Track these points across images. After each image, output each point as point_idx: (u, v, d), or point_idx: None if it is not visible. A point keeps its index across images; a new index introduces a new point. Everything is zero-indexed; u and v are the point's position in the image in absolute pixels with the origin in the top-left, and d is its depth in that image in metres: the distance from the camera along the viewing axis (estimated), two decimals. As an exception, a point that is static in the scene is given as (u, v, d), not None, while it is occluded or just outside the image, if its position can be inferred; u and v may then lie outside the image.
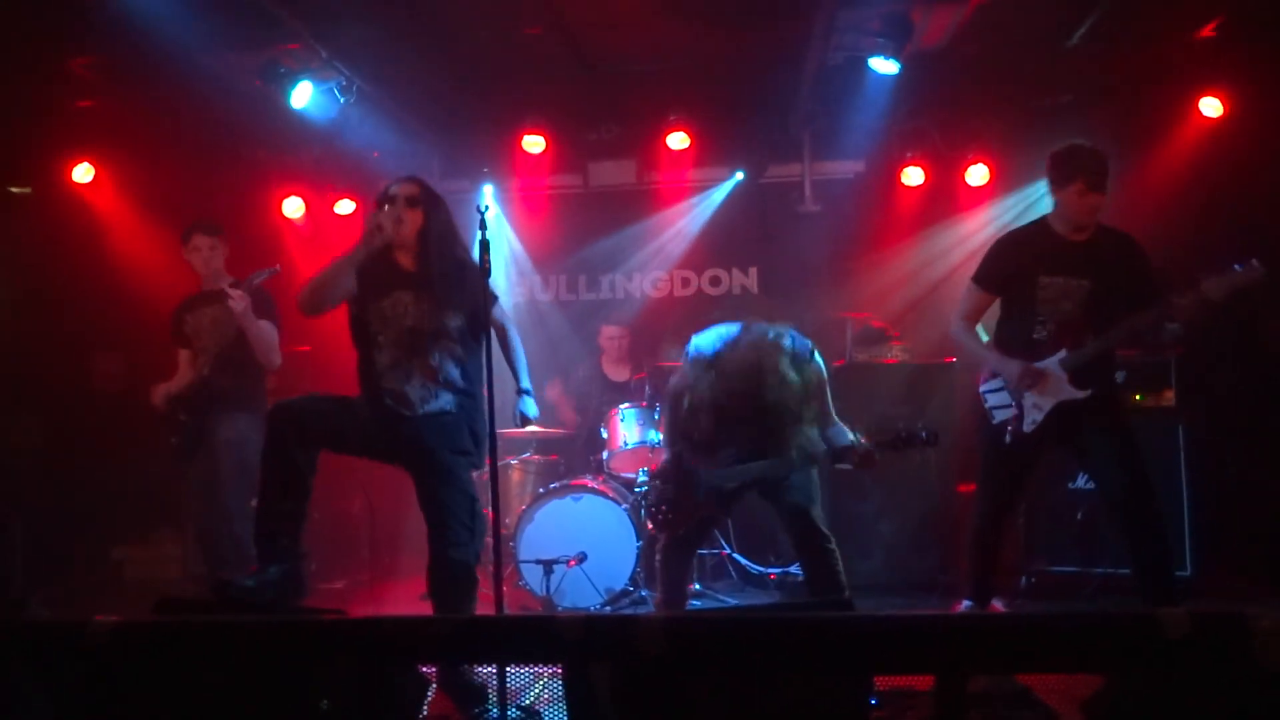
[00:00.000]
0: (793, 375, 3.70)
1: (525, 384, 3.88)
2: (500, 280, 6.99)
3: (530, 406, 3.88)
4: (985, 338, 4.20)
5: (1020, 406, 3.93)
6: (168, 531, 6.16)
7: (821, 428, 3.87)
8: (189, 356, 4.75)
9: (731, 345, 3.78)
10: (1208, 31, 5.18)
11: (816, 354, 3.85)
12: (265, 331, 4.57)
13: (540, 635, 1.92)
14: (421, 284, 3.48)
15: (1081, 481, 4.93)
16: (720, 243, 6.97)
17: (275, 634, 2.04)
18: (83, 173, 6.30)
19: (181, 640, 2.02)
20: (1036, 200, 6.07)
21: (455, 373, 3.53)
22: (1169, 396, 5.08)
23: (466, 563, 3.47)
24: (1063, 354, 3.85)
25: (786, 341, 3.76)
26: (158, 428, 4.72)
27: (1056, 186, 3.91)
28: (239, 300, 4.38)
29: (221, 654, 2.08)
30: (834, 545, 3.73)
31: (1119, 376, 4.86)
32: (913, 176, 6.35)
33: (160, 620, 2.23)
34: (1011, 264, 4.02)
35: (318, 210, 6.71)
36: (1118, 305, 3.83)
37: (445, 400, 3.51)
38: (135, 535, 6.22)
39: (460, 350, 3.56)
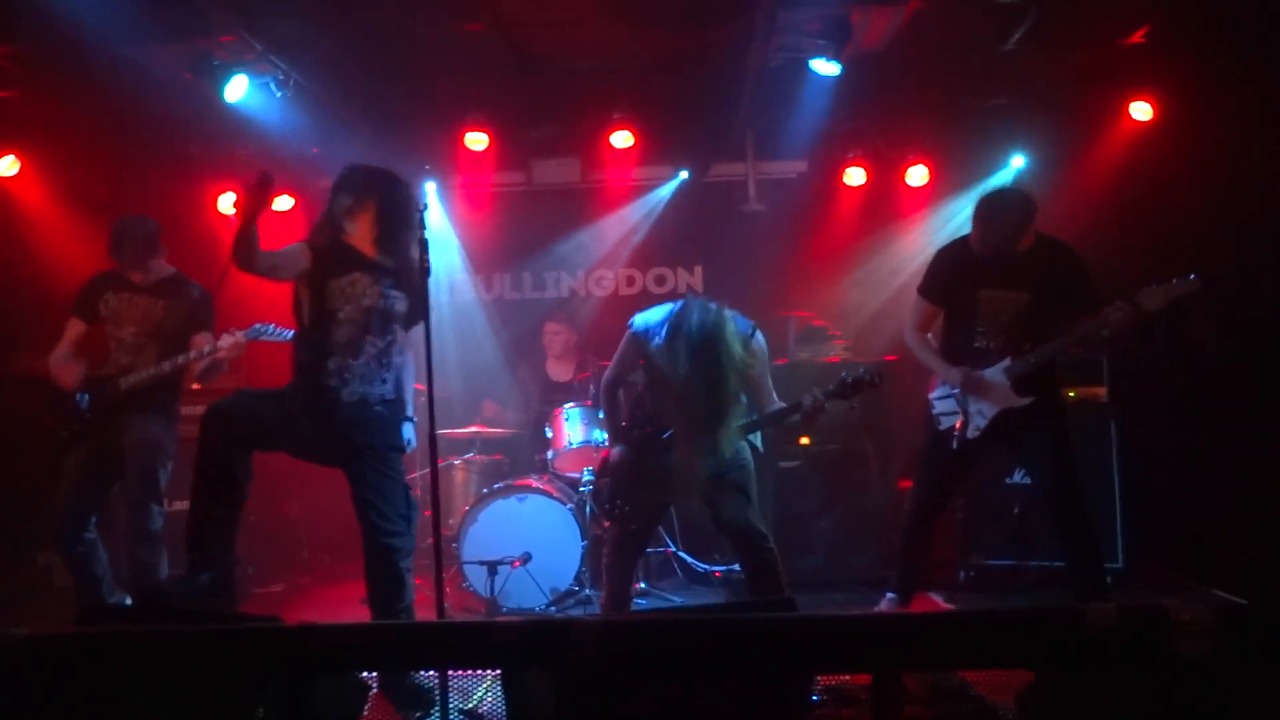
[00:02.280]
0: (738, 348, 3.72)
1: (410, 412, 3.84)
2: (443, 278, 6.92)
3: (411, 434, 3.82)
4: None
5: (966, 414, 4.02)
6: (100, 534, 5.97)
7: (762, 407, 3.90)
8: (82, 332, 4.38)
9: (679, 318, 3.75)
10: (1138, 37, 5.30)
11: (758, 333, 3.89)
12: (223, 368, 4.38)
13: (477, 640, 1.90)
14: (376, 268, 3.55)
15: (1018, 477, 5.02)
16: (665, 241, 6.97)
17: (206, 643, 1.99)
18: (7, 165, 6.09)
19: (104, 651, 1.96)
20: (974, 203, 6.18)
21: (399, 359, 3.64)
22: (1101, 392, 5.21)
23: (403, 551, 3.52)
24: (1006, 363, 3.94)
25: (728, 315, 3.77)
26: (42, 407, 4.33)
27: None
28: (235, 348, 4.18)
29: (150, 665, 2.02)
30: (772, 544, 3.74)
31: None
32: (854, 177, 6.41)
33: (79, 630, 2.15)
34: (951, 276, 4.11)
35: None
36: (1057, 314, 3.94)
37: (388, 387, 3.59)
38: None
39: (404, 337, 3.66)
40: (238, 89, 5.00)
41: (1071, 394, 5.17)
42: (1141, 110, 5.78)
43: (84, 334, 4.41)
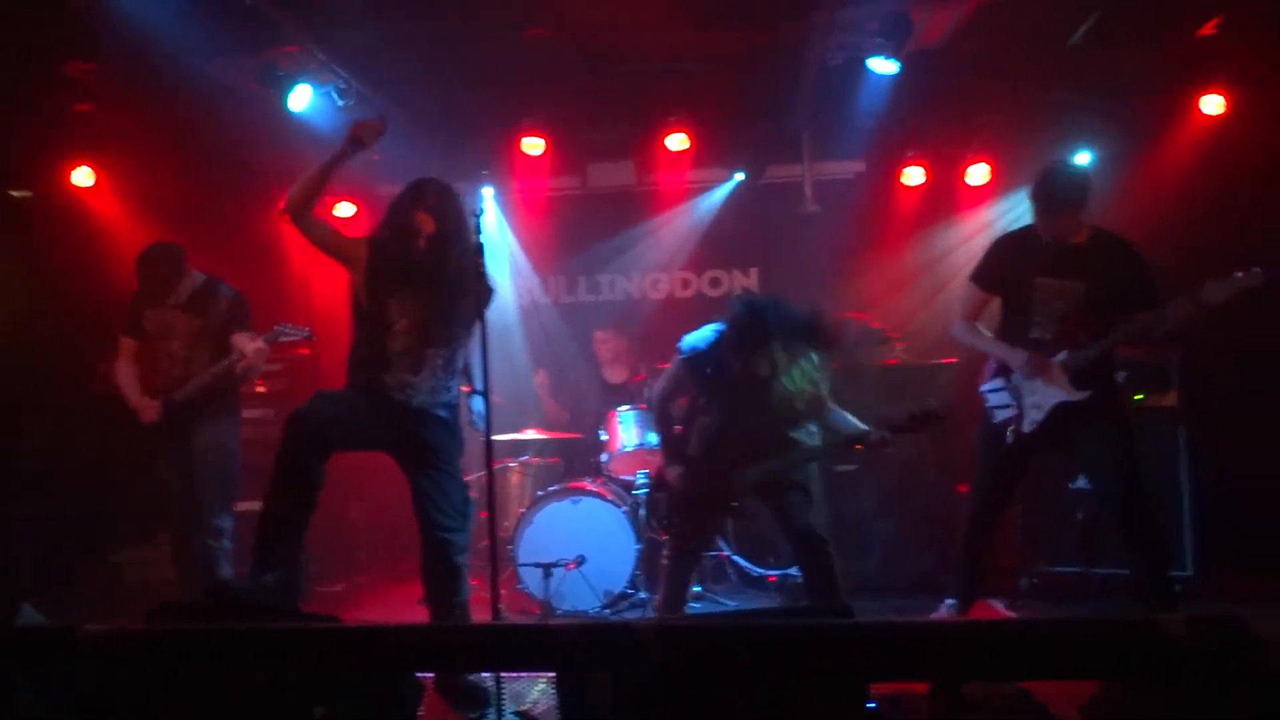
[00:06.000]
0: (790, 366, 3.68)
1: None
2: (500, 282, 6.98)
3: (480, 404, 3.88)
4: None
5: (1021, 407, 3.94)
6: (167, 535, 6.14)
7: (821, 417, 3.86)
8: (135, 348, 4.67)
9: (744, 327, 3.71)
10: (1209, 29, 5.14)
11: None
12: (258, 370, 4.64)
13: (535, 643, 1.91)
14: (436, 279, 3.54)
15: (1083, 482, 4.90)
16: (720, 244, 6.95)
17: (269, 642, 2.03)
18: (83, 176, 6.28)
19: (173, 647, 2.01)
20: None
21: (461, 365, 3.67)
22: (1171, 396, 5.06)
23: (459, 547, 3.56)
24: (1064, 355, 3.86)
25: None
26: (140, 433, 4.58)
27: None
28: (258, 354, 4.40)
29: (214, 661, 2.07)
30: (832, 549, 3.71)
31: (1120, 377, 4.83)
32: (913, 176, 6.34)
33: (151, 628, 2.22)
34: (1007, 264, 4.05)
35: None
36: (1113, 307, 3.85)
37: (452, 394, 3.63)
38: (134, 538, 6.19)
39: (466, 344, 3.67)
40: (301, 98, 5.12)
41: (1139, 397, 5.04)
42: (1213, 104, 5.61)
43: (138, 349, 4.69)
